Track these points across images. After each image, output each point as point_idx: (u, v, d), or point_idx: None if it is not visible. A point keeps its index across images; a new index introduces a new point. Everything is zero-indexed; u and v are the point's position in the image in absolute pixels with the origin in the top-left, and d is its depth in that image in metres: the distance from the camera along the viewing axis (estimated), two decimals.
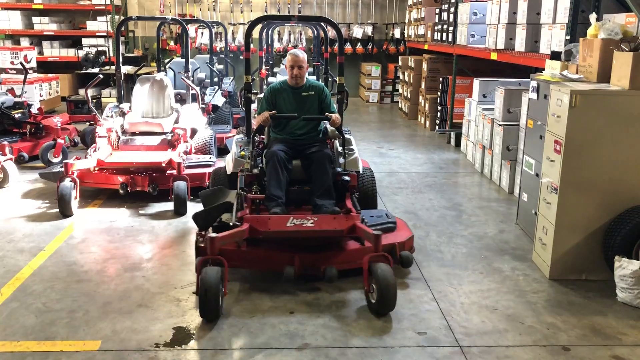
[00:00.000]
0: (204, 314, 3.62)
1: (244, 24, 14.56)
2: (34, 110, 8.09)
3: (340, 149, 4.95)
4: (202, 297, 3.57)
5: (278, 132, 4.89)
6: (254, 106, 5.76)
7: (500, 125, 6.73)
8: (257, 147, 4.96)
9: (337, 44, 5.72)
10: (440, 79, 10.05)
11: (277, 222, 4.09)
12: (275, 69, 10.57)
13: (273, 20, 9.20)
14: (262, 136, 5.03)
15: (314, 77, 9.57)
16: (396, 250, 4.21)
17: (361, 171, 5.06)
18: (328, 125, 5.01)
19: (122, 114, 6.78)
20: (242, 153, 4.97)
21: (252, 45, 13.85)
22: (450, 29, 9.49)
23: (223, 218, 4.29)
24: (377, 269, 3.71)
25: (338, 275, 3.97)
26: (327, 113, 4.81)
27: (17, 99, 8.03)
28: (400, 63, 12.83)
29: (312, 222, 4.09)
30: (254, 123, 4.96)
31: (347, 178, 4.62)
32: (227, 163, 5.25)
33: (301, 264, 4.03)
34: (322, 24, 8.82)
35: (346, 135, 5.13)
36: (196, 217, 4.41)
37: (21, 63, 9.54)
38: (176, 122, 6.82)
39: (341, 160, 4.86)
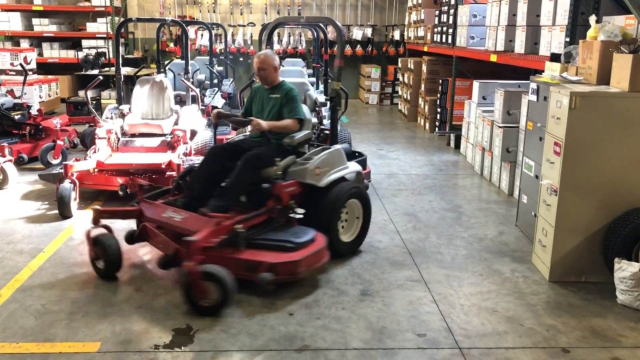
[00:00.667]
0: None
1: (243, 26, 14.58)
2: (33, 111, 8.08)
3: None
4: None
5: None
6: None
7: (499, 127, 6.74)
8: None
9: (336, 46, 5.70)
10: (440, 80, 10.06)
11: (157, 210, 4.38)
12: None
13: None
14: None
15: (314, 79, 9.61)
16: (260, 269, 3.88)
17: (320, 184, 4.54)
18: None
19: (122, 115, 6.78)
20: None
21: (252, 47, 13.75)
22: (450, 30, 9.50)
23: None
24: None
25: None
26: (291, 117, 4.70)
27: (16, 101, 8.03)
28: (399, 65, 12.84)
29: (180, 218, 4.19)
30: None
31: (265, 185, 4.36)
32: None
33: (174, 253, 4.03)
34: (322, 25, 8.84)
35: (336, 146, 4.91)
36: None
37: (21, 64, 9.55)
38: (176, 123, 6.82)
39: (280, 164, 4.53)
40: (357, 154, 5.83)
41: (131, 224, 4.81)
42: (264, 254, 3.99)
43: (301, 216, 4.40)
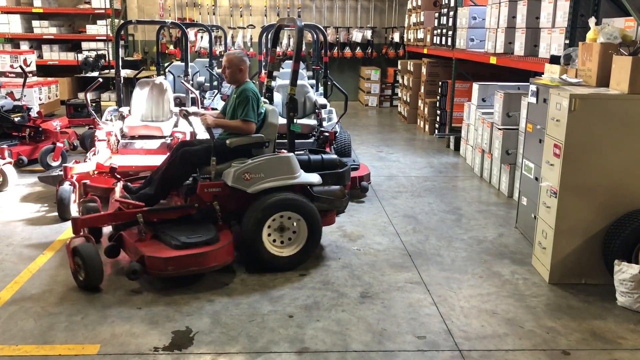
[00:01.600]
0: None
1: (243, 28, 14.60)
2: (33, 113, 8.09)
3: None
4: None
5: None
6: None
7: (499, 129, 6.74)
8: None
9: (335, 48, 5.69)
10: (440, 82, 10.07)
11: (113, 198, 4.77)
12: (274, 73, 10.56)
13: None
14: None
15: (314, 81, 9.62)
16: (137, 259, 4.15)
17: (248, 190, 4.39)
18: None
19: (122, 117, 6.78)
20: None
21: (252, 49, 13.75)
22: (450, 33, 9.51)
23: None
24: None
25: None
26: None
27: (16, 103, 8.03)
28: (399, 67, 12.84)
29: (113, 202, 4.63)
30: None
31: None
32: None
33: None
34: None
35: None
36: None
37: (21, 67, 9.56)
38: (175, 125, 6.82)
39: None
40: (339, 163, 5.11)
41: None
42: (150, 245, 4.16)
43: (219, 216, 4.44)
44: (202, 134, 5.21)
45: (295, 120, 4.66)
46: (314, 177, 4.62)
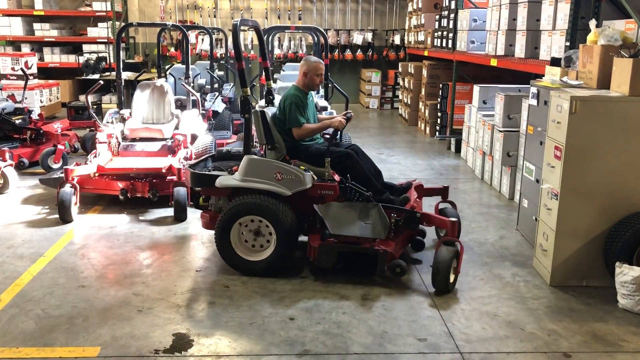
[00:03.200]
0: None
1: (244, 30, 14.60)
2: (34, 116, 8.10)
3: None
4: None
5: (306, 140, 4.84)
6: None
7: (500, 131, 6.74)
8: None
9: (336, 50, 5.70)
10: (440, 85, 10.07)
11: None
12: (275, 75, 10.58)
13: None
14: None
15: None
16: None
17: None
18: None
19: (123, 120, 6.78)
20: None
21: (252, 52, 13.78)
22: (450, 35, 9.52)
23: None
24: None
25: None
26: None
27: (17, 105, 8.04)
28: (400, 69, 12.85)
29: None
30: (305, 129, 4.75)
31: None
32: None
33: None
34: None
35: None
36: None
37: (22, 69, 9.56)
38: (176, 128, 6.82)
39: None
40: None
41: (131, 230, 4.78)
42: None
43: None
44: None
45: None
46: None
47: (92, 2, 13.84)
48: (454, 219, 4.43)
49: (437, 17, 10.57)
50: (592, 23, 4.68)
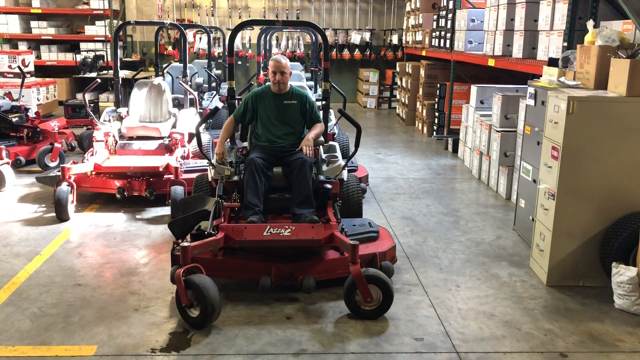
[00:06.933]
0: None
1: (242, 29, 14.58)
2: (31, 114, 8.07)
3: (324, 156, 4.85)
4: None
5: (258, 139, 4.79)
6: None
7: (497, 131, 6.74)
8: (239, 153, 4.87)
9: (334, 50, 5.68)
10: (438, 85, 10.08)
11: (253, 231, 3.99)
12: None
13: (257, 25, 9.15)
14: (244, 143, 5.02)
15: (312, 83, 9.61)
16: (377, 260, 4.10)
17: (345, 179, 4.79)
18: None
19: (120, 118, 6.78)
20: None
21: (250, 51, 13.79)
22: (448, 35, 9.52)
23: (201, 226, 4.17)
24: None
25: (316, 285, 3.90)
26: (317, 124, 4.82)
27: (14, 103, 8.01)
28: (398, 69, 12.86)
29: (289, 231, 3.97)
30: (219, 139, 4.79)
31: (328, 186, 4.49)
32: (209, 170, 4.94)
33: (278, 274, 3.95)
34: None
35: (331, 142, 5.06)
36: (172, 225, 4.21)
37: (19, 67, 9.54)
38: (174, 126, 6.82)
39: (324, 167, 4.69)
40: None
41: (128, 229, 4.77)
42: (368, 246, 4.28)
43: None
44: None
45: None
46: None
47: (89, 0, 13.81)
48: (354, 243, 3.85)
49: (435, 17, 10.58)
50: (590, 24, 4.69)
